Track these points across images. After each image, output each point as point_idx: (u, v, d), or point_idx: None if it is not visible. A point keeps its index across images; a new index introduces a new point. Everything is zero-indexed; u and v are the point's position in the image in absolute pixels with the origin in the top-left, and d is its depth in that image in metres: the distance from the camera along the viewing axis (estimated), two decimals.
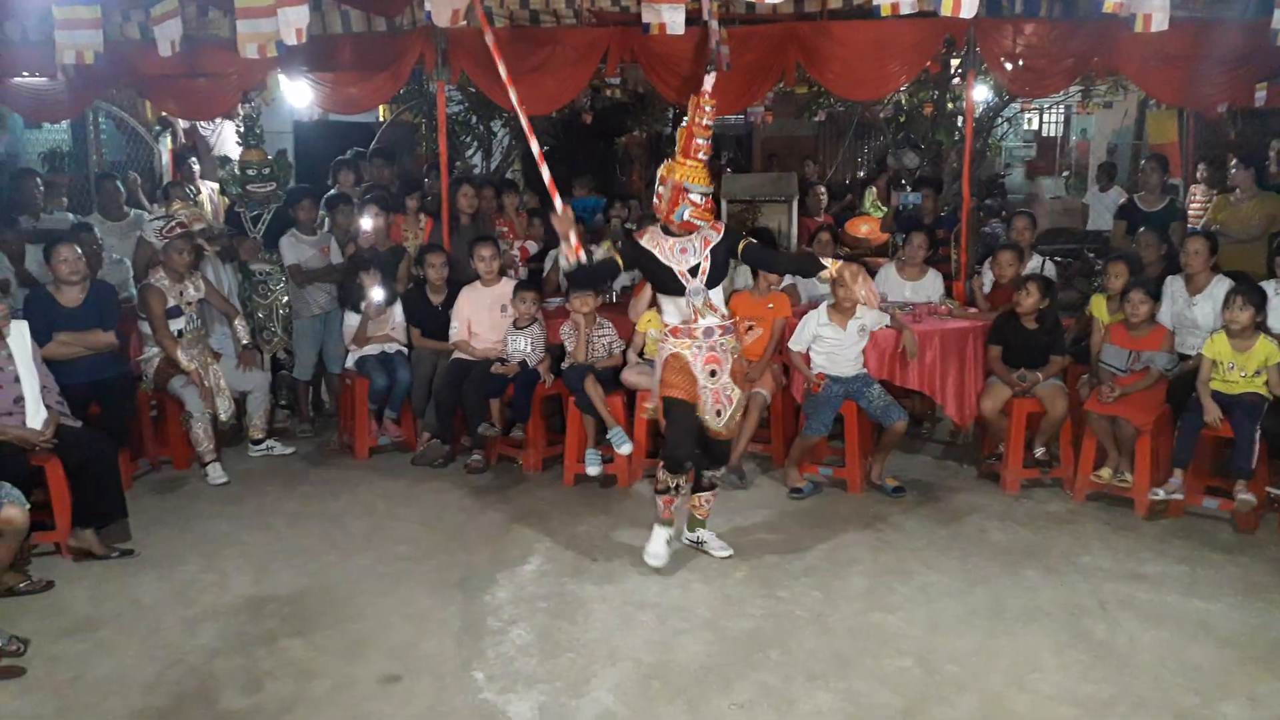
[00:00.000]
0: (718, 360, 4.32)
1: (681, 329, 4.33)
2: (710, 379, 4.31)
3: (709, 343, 4.32)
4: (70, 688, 3.58)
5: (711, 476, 4.60)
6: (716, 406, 4.35)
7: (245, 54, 6.09)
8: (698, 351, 4.31)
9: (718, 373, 4.32)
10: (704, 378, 4.31)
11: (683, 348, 4.32)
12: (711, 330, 4.31)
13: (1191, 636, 3.89)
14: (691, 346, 4.31)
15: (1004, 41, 6.44)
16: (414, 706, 3.44)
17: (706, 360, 4.30)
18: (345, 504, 5.42)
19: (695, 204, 4.14)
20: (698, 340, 4.31)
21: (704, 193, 4.16)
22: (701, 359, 4.30)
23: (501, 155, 9.90)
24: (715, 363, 4.31)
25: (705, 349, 4.31)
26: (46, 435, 4.59)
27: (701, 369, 4.30)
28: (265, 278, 6.60)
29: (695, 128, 4.14)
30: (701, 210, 4.17)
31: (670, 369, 4.34)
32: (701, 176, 4.15)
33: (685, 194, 4.14)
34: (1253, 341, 4.96)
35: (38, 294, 5.40)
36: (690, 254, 4.26)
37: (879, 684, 3.55)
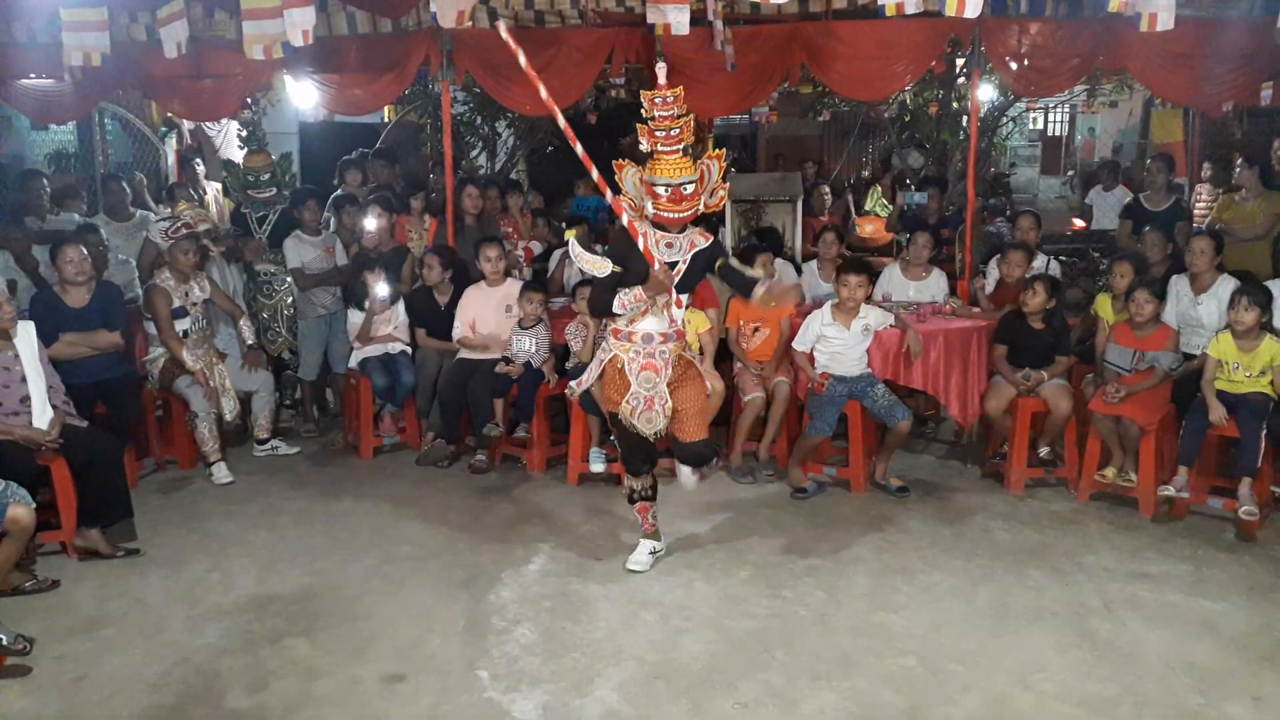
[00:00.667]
0: (655, 368, 4.16)
1: (622, 331, 4.20)
2: (645, 385, 4.16)
3: (647, 349, 4.16)
4: (76, 687, 3.59)
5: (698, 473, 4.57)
6: (647, 413, 4.16)
7: (251, 55, 6.12)
8: (634, 356, 4.17)
9: (653, 380, 4.16)
10: (638, 383, 4.16)
11: (621, 351, 4.20)
12: (651, 337, 4.16)
13: (1196, 636, 3.88)
14: (629, 350, 4.18)
15: (1009, 41, 6.44)
16: (419, 706, 3.45)
17: (644, 367, 4.16)
18: (350, 504, 5.44)
19: (658, 196, 3.98)
20: (635, 345, 4.17)
21: (671, 184, 3.95)
22: (638, 365, 4.16)
23: (506, 156, 9.93)
24: (652, 370, 4.16)
25: (643, 355, 4.16)
26: (53, 435, 4.60)
27: (637, 375, 4.16)
28: (270, 278, 6.63)
29: (656, 123, 3.97)
30: (669, 202, 3.98)
31: (606, 378, 4.28)
32: (668, 168, 3.96)
33: (651, 188, 4.00)
34: (1258, 342, 4.94)
35: (44, 294, 5.42)
36: (675, 250, 4.12)
37: (883, 683, 3.55)
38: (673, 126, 3.97)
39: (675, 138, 3.97)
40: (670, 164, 3.96)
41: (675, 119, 3.96)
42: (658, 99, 3.95)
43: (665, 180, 3.95)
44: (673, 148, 3.97)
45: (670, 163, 3.96)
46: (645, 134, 4.01)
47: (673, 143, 3.97)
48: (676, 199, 3.97)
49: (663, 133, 3.97)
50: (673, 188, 3.95)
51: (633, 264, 4.08)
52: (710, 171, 4.10)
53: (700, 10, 6.05)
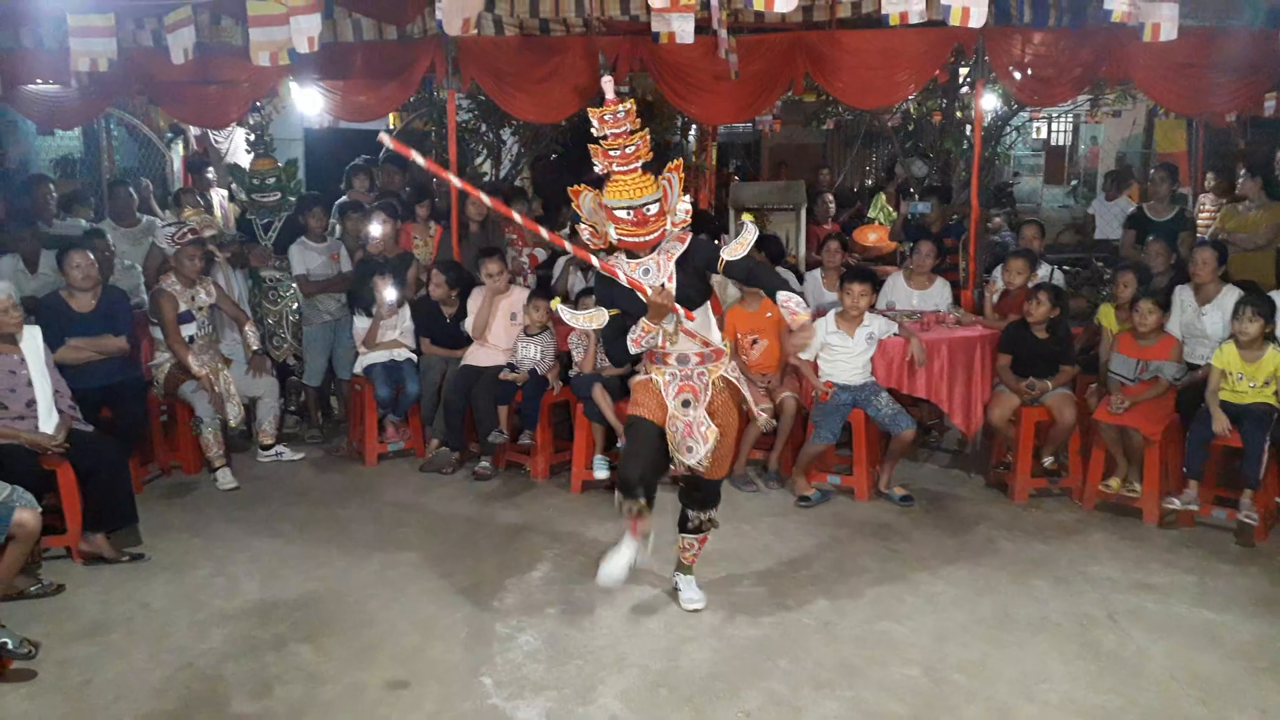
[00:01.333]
0: (694, 390, 3.82)
1: (656, 354, 3.87)
2: (683, 409, 3.80)
3: (684, 371, 3.84)
4: (80, 691, 3.60)
5: (697, 518, 4.11)
6: (688, 441, 3.77)
7: (257, 62, 6.14)
8: (670, 379, 3.84)
9: (692, 404, 3.80)
10: (675, 406, 3.80)
11: (656, 374, 3.88)
12: (687, 358, 3.82)
13: (1200, 647, 3.88)
14: (665, 373, 3.85)
15: (1013, 50, 6.46)
16: (422, 712, 3.45)
17: (680, 389, 3.82)
18: (354, 510, 5.44)
19: (620, 220, 3.65)
20: (671, 368, 3.85)
21: (632, 205, 3.62)
22: (674, 387, 3.83)
23: (511, 163, 9.94)
24: (691, 392, 3.81)
25: (679, 378, 3.84)
26: (59, 439, 4.62)
27: (674, 398, 3.82)
28: (276, 284, 6.65)
29: (608, 141, 3.64)
30: (633, 226, 3.66)
31: (640, 389, 3.93)
32: (626, 189, 3.62)
33: (611, 213, 3.67)
34: (1262, 352, 4.95)
35: (50, 299, 5.44)
36: (653, 274, 3.74)
37: (886, 693, 3.55)
38: (627, 144, 3.64)
39: (631, 155, 3.64)
40: (628, 184, 3.64)
41: (629, 135, 3.64)
42: (607, 115, 3.63)
43: (624, 203, 3.63)
44: (629, 166, 3.64)
45: (628, 183, 3.64)
46: (598, 154, 3.69)
47: (629, 161, 3.64)
48: (640, 221, 3.66)
49: (616, 151, 3.64)
50: (634, 209, 3.63)
51: (624, 301, 3.77)
52: (672, 186, 3.75)
53: (705, 18, 6.07)
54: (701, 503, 4.07)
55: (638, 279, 3.69)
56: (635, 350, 3.78)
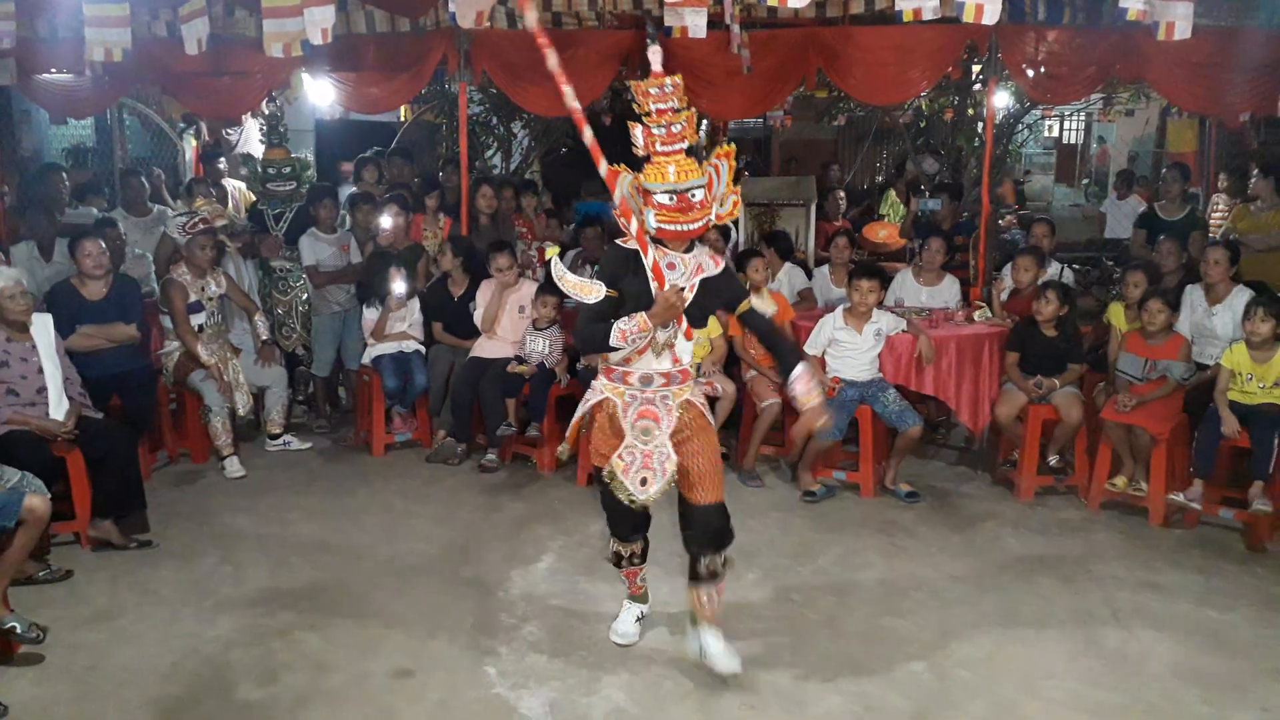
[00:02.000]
0: (654, 416, 3.43)
1: (615, 370, 3.49)
2: (642, 437, 3.42)
3: (646, 394, 3.45)
4: (88, 676, 3.63)
5: (709, 564, 3.54)
6: (643, 473, 3.39)
7: (271, 53, 6.16)
8: (630, 401, 3.46)
9: (652, 431, 3.42)
10: (633, 434, 3.43)
11: (614, 393, 3.49)
12: (651, 378, 3.44)
13: (1205, 647, 3.87)
14: (624, 394, 3.47)
15: (1026, 48, 6.43)
16: (427, 701, 3.47)
17: (640, 415, 3.44)
18: (361, 500, 5.46)
19: (661, 205, 3.27)
20: (632, 388, 3.46)
21: (675, 190, 3.25)
22: (634, 412, 3.45)
23: (521, 156, 9.95)
24: (651, 419, 3.43)
25: (640, 401, 3.45)
26: (68, 426, 4.65)
27: (633, 425, 3.44)
28: (286, 274, 6.68)
29: (652, 118, 3.27)
30: (674, 212, 3.27)
31: (596, 427, 3.56)
32: (668, 172, 3.25)
33: (651, 197, 3.29)
34: (1273, 353, 4.93)
35: (61, 287, 5.47)
36: (677, 273, 3.40)
37: (890, 688, 3.56)
38: (673, 122, 3.26)
39: (676, 135, 3.27)
40: (676, 165, 3.27)
41: (675, 112, 3.27)
42: (652, 89, 3.24)
43: (667, 186, 3.25)
44: (674, 147, 3.27)
45: (675, 164, 3.27)
46: (638, 132, 3.33)
47: (673, 141, 3.27)
48: (683, 208, 3.27)
49: (661, 129, 3.27)
50: (677, 194, 3.25)
51: (630, 286, 3.39)
52: (720, 174, 3.38)
53: (717, 13, 6.07)
54: (708, 541, 3.53)
55: (662, 269, 3.37)
56: (617, 343, 3.34)
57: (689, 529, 3.56)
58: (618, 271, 3.43)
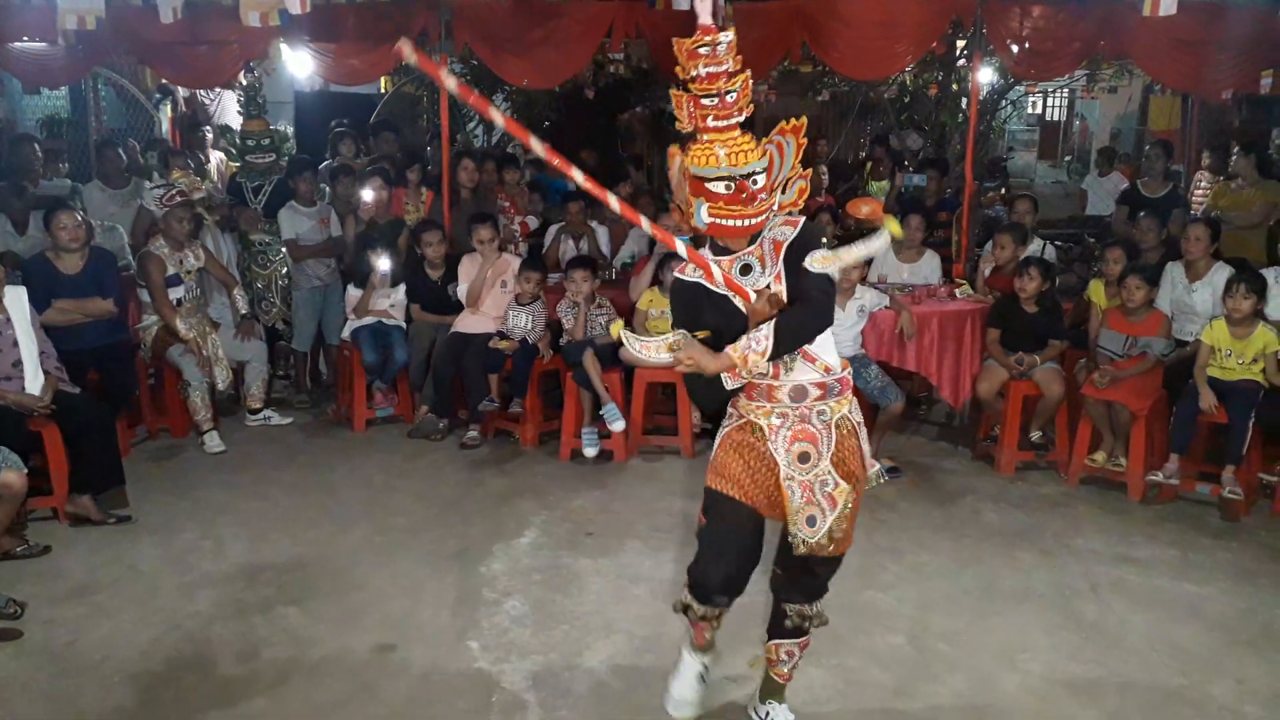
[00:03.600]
0: (813, 438, 2.78)
1: (759, 387, 2.79)
2: (800, 466, 2.79)
3: (799, 411, 2.79)
4: (67, 651, 3.61)
5: (799, 613, 2.99)
6: (809, 510, 2.79)
7: (248, 22, 6.07)
8: (780, 422, 2.79)
9: (811, 457, 2.78)
10: (788, 464, 2.79)
11: (757, 415, 2.80)
12: (804, 391, 2.78)
13: (1181, 619, 3.92)
14: (772, 415, 2.79)
15: (1010, 23, 6.42)
16: (409, 675, 3.47)
17: (794, 437, 2.79)
18: (342, 475, 5.44)
19: (715, 195, 2.63)
20: (780, 404, 2.79)
21: (732, 176, 2.59)
22: (786, 434, 2.79)
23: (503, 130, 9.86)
24: (810, 441, 2.78)
25: (794, 420, 2.79)
26: (45, 401, 4.60)
27: (785, 452, 2.79)
28: (265, 248, 6.60)
29: (699, 84, 2.57)
30: (730, 204, 2.62)
31: (728, 446, 2.85)
32: (716, 155, 2.58)
33: (702, 185, 2.64)
34: (1252, 329, 4.96)
35: (37, 260, 5.39)
36: (756, 273, 2.74)
37: (871, 661, 3.58)
38: (727, 89, 2.57)
39: (730, 106, 2.59)
40: (728, 145, 2.59)
41: (729, 76, 2.56)
42: (701, 48, 2.53)
43: (722, 171, 2.59)
44: (728, 121, 2.60)
45: (726, 144, 2.60)
46: (683, 103, 2.63)
47: (727, 113, 2.60)
48: (742, 198, 2.62)
49: (711, 99, 2.58)
50: (736, 180, 2.60)
51: (712, 314, 2.74)
52: (784, 154, 2.72)
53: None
54: (812, 592, 2.99)
55: (736, 279, 2.70)
56: (733, 385, 2.73)
57: (789, 573, 2.99)
58: (693, 310, 2.79)
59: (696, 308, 2.77)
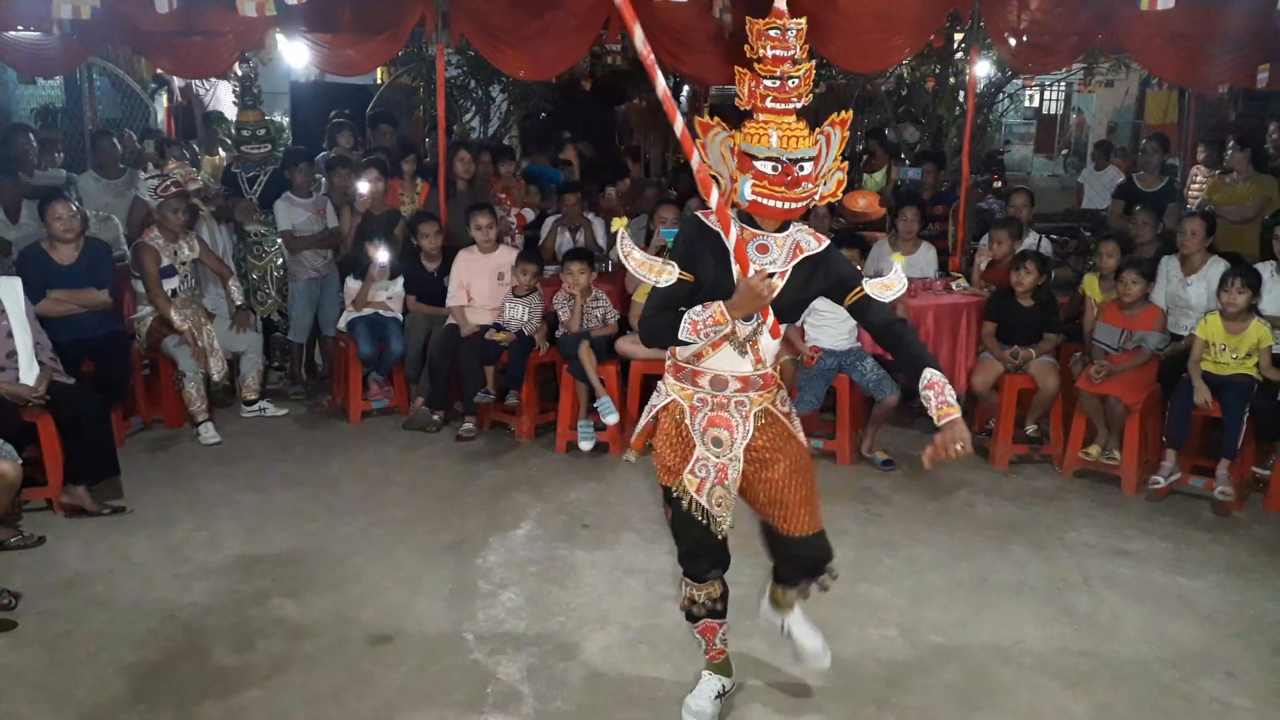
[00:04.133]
0: (727, 424, 2.90)
1: (684, 369, 2.93)
2: (713, 448, 2.91)
3: (718, 397, 2.90)
4: (62, 642, 3.61)
5: (804, 590, 3.21)
6: (718, 490, 2.92)
7: (243, 12, 6.03)
8: (699, 405, 2.92)
9: (723, 442, 2.90)
10: (703, 445, 2.91)
11: (681, 396, 2.95)
12: (726, 381, 2.88)
13: (1173, 613, 3.93)
14: (692, 397, 2.92)
15: (1008, 16, 6.41)
16: (404, 667, 3.48)
17: (710, 422, 2.90)
18: (338, 467, 5.44)
19: (763, 175, 2.67)
20: (701, 390, 2.91)
21: (783, 159, 2.66)
22: (702, 418, 2.91)
23: (499, 120, 9.85)
24: (723, 427, 2.90)
25: (710, 405, 2.90)
26: (39, 391, 4.59)
27: (701, 432, 2.91)
28: (260, 239, 6.59)
29: (764, 65, 2.69)
30: (775, 185, 2.67)
31: (661, 437, 3.00)
32: (778, 136, 2.66)
33: (750, 162, 2.69)
34: (1246, 324, 4.98)
35: (32, 250, 5.37)
36: (770, 257, 2.81)
37: (864, 653, 3.60)
38: (790, 74, 2.69)
39: (791, 90, 2.70)
40: (781, 129, 2.68)
41: (794, 63, 2.69)
42: (771, 30, 2.67)
43: (772, 152, 2.66)
44: (786, 105, 2.71)
45: (780, 127, 2.68)
46: (744, 81, 2.75)
47: (786, 98, 2.70)
48: (788, 181, 2.67)
49: (774, 82, 2.69)
50: (783, 164, 2.67)
51: (707, 269, 2.80)
52: (829, 144, 2.78)
53: None
54: (812, 569, 3.12)
55: (749, 252, 2.77)
56: (687, 336, 2.76)
57: (784, 562, 3.15)
58: (694, 251, 2.82)
59: (697, 252, 2.82)
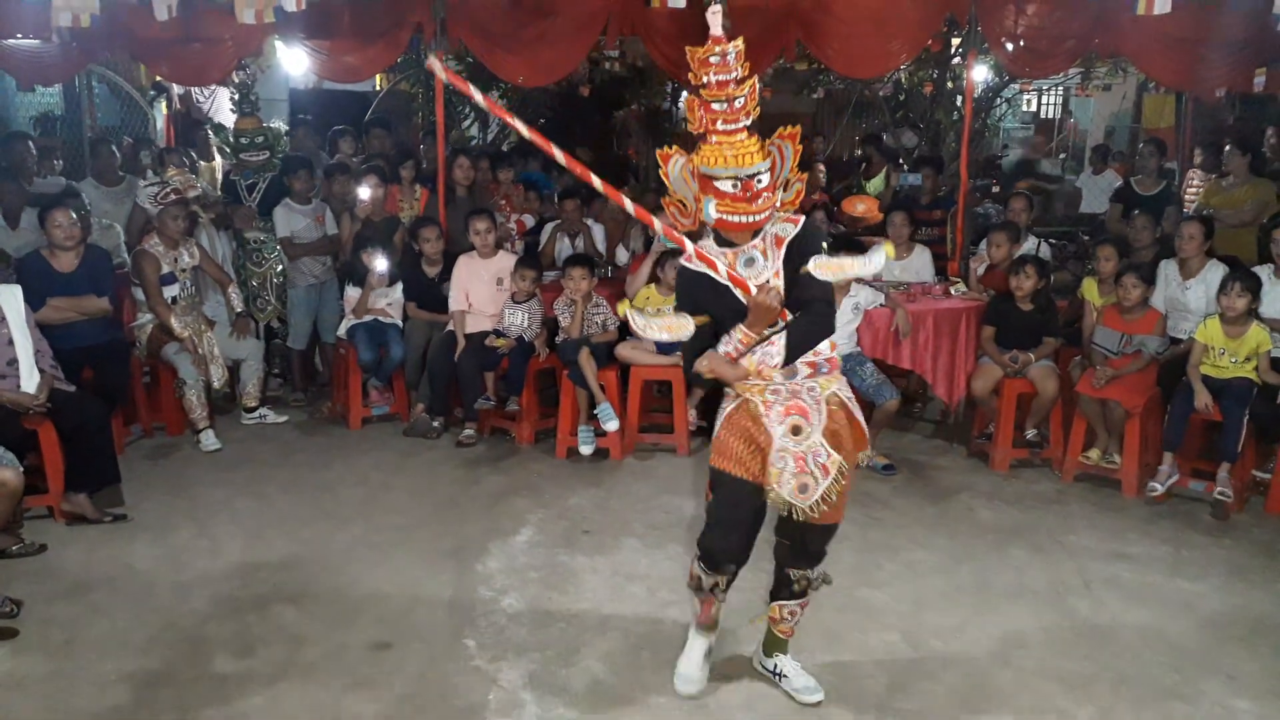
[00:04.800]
0: (804, 411, 3.02)
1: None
2: (793, 438, 3.02)
3: (790, 387, 3.04)
4: (63, 650, 3.61)
5: (802, 577, 3.27)
6: (801, 478, 3.00)
7: (242, 19, 6.04)
8: (773, 399, 3.04)
9: (803, 430, 3.01)
10: (782, 436, 3.03)
11: (752, 393, 3.06)
12: (795, 370, 3.02)
13: (1174, 616, 3.94)
14: (765, 391, 3.05)
15: (1005, 21, 6.43)
16: (405, 674, 3.48)
17: (787, 411, 3.03)
18: (338, 473, 5.44)
19: (722, 193, 2.88)
20: (773, 383, 3.04)
21: (740, 175, 2.86)
22: (779, 409, 3.04)
23: (499, 127, 9.86)
24: (800, 414, 3.02)
25: (784, 397, 3.04)
26: (40, 399, 4.59)
27: (779, 425, 3.03)
28: (260, 246, 6.60)
29: (710, 90, 2.87)
30: (736, 201, 2.87)
31: (730, 426, 3.10)
32: (731, 155, 2.85)
33: (711, 183, 2.90)
34: (1245, 328, 4.98)
35: (32, 258, 5.38)
36: (759, 265, 2.99)
37: (865, 658, 3.59)
38: (735, 95, 2.85)
39: (738, 110, 2.87)
40: (734, 147, 2.86)
41: (737, 83, 2.86)
42: (712, 57, 2.84)
43: (730, 171, 2.86)
44: (736, 125, 2.88)
45: (734, 146, 2.86)
46: (694, 108, 2.92)
47: (735, 117, 2.87)
48: (748, 195, 2.87)
49: (720, 104, 2.85)
50: (742, 180, 2.86)
51: (716, 304, 2.98)
52: (784, 156, 2.97)
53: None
54: (813, 557, 3.26)
55: (740, 274, 2.93)
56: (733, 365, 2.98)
57: (792, 541, 3.24)
58: (696, 295, 3.01)
59: (700, 295, 3.02)
